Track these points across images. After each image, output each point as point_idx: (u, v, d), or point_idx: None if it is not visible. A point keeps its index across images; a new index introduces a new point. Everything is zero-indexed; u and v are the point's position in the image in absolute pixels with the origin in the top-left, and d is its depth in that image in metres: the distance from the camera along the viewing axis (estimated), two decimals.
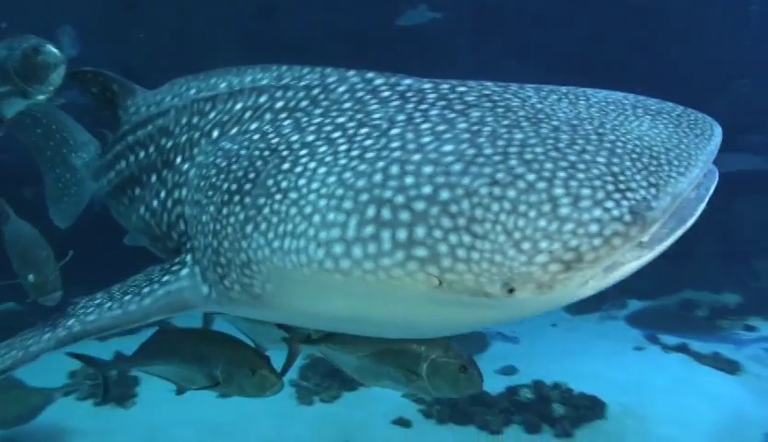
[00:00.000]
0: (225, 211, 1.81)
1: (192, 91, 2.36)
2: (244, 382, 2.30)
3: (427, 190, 1.47)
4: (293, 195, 1.65)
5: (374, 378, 2.23)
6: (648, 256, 1.42)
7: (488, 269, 1.40)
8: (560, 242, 1.36)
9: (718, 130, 1.66)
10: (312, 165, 1.67)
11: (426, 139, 1.58)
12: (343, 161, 1.63)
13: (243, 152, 1.88)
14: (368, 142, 1.64)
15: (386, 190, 1.51)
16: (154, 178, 2.31)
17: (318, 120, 1.83)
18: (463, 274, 1.42)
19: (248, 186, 1.77)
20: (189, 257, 2.04)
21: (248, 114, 2.04)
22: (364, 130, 1.70)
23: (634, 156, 1.47)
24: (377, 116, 1.73)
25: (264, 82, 2.12)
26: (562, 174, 1.42)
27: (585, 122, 1.58)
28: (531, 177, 1.43)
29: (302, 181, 1.65)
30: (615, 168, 1.43)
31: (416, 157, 1.54)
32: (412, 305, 1.56)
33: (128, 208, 2.50)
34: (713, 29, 10.49)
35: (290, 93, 1.99)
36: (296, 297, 1.75)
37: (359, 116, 1.76)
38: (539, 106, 1.66)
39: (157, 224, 2.25)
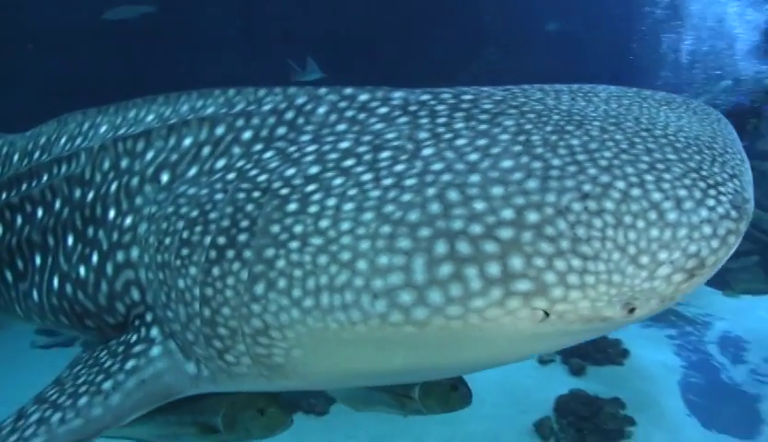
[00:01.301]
0: (216, 271, 1.51)
1: (104, 128, 2.01)
2: (251, 425, 1.99)
3: (509, 214, 1.30)
4: (317, 241, 1.40)
5: (365, 404, 2.17)
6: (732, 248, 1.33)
7: (606, 291, 1.26)
8: (679, 250, 1.27)
9: (718, 114, 1.66)
10: (331, 201, 1.43)
11: (474, 156, 1.41)
12: (375, 193, 1.41)
13: (219, 196, 1.59)
14: (400, 167, 1.44)
15: (453, 220, 1.31)
16: (70, 240, 1.90)
17: (312, 148, 1.58)
18: (578, 303, 1.26)
19: (242, 237, 1.49)
20: (155, 331, 1.69)
21: (206, 150, 1.74)
22: (385, 154, 1.48)
23: (695, 149, 1.41)
24: (391, 136, 1.52)
25: (210, 110, 1.83)
26: (649, 177, 1.32)
27: (623, 120, 1.49)
28: (621, 184, 1.31)
29: (325, 223, 1.41)
30: (692, 164, 1.36)
31: (474, 178, 1.36)
32: (502, 346, 1.39)
33: (21, 283, 2.04)
34: (452, 4, 11.47)
35: (256, 120, 1.72)
36: (337, 360, 1.50)
37: (367, 138, 1.54)
38: (564, 107, 1.55)
39: (91, 297, 1.84)
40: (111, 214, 1.80)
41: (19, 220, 2.05)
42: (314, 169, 1.51)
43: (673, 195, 1.28)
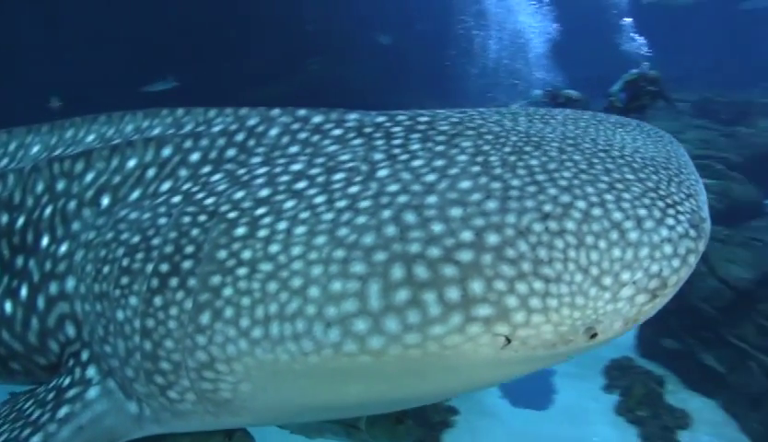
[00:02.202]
0: (158, 301, 1.39)
1: (36, 148, 1.85)
2: None
3: (468, 235, 1.24)
4: (266, 267, 1.32)
5: (317, 432, 2.13)
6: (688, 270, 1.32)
7: (570, 315, 1.21)
8: (641, 270, 1.23)
9: (671, 137, 1.67)
10: (282, 225, 1.35)
11: (431, 177, 1.36)
12: (328, 216, 1.34)
13: (163, 220, 1.49)
14: (354, 189, 1.37)
15: (410, 243, 1.25)
16: None
17: (263, 170, 1.50)
18: (540, 327, 1.21)
19: (187, 264, 1.39)
20: (92, 370, 1.54)
21: (151, 172, 1.62)
22: (338, 175, 1.42)
23: (652, 169, 1.40)
24: (345, 158, 1.46)
25: (157, 131, 1.72)
26: (609, 196, 1.30)
27: (581, 141, 1.48)
28: (582, 204, 1.28)
29: (275, 248, 1.33)
30: (650, 184, 1.35)
31: (431, 199, 1.31)
32: (463, 375, 1.31)
33: None
34: (273, 13, 11.54)
35: (205, 142, 1.62)
36: (288, 394, 1.39)
37: (320, 160, 1.48)
38: (521, 128, 1.53)
39: (18, 336, 1.65)
40: (45, 241, 1.64)
41: None
42: (264, 192, 1.43)
43: (634, 215, 1.26)
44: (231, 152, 1.58)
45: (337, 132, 1.55)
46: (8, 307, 1.65)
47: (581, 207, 1.26)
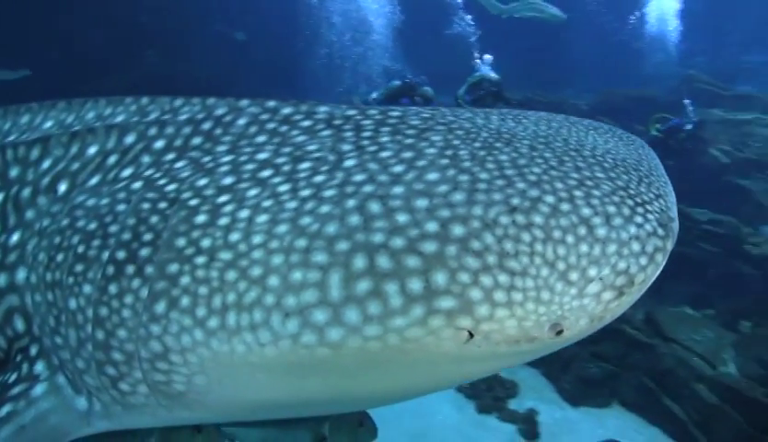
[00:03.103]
0: (113, 289, 1.33)
1: None
2: None
3: (433, 226, 1.19)
4: (225, 255, 1.25)
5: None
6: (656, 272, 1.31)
7: (535, 309, 1.17)
8: (609, 266, 1.21)
9: (642, 141, 1.69)
10: (244, 213, 1.29)
11: (398, 168, 1.31)
12: (291, 204, 1.28)
13: (121, 207, 1.42)
14: (319, 178, 1.32)
15: (373, 233, 1.20)
16: None
17: (228, 158, 1.44)
18: (504, 321, 1.16)
19: (144, 251, 1.32)
20: (41, 366, 1.46)
21: (112, 159, 1.55)
22: (304, 165, 1.36)
23: (623, 169, 1.39)
24: (312, 147, 1.41)
25: (121, 118, 1.65)
26: (578, 193, 1.27)
27: (552, 140, 1.45)
28: (550, 199, 1.24)
29: (235, 236, 1.27)
30: (620, 183, 1.33)
31: (397, 189, 1.26)
32: (424, 371, 1.27)
33: None
34: (104, 6, 10.68)
35: (170, 129, 1.56)
36: (244, 388, 1.32)
37: (287, 149, 1.42)
38: (493, 126, 1.49)
39: None
40: None
41: None
42: (228, 180, 1.39)
43: (602, 211, 1.25)
44: (197, 140, 1.53)
45: (306, 123, 1.52)
46: None
47: (549, 202, 1.25)
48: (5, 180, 1.62)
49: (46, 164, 1.60)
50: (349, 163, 1.35)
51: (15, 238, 1.53)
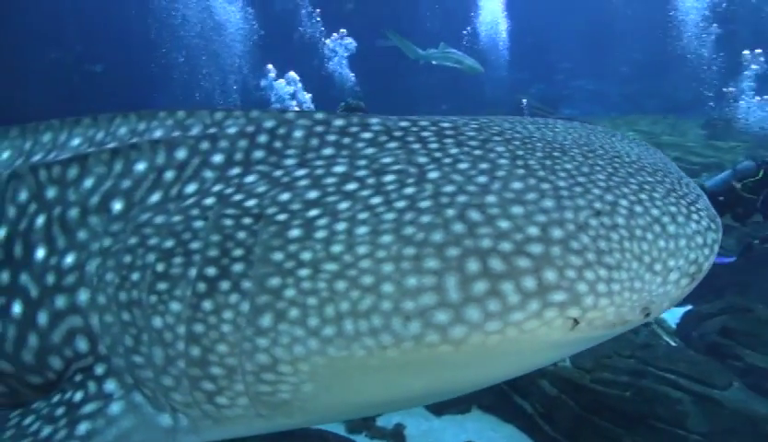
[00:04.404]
0: (207, 306, 1.34)
1: (7, 154, 1.68)
2: None
3: (534, 230, 1.34)
4: (330, 266, 1.31)
5: None
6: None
7: (630, 297, 1.35)
8: (683, 258, 1.41)
9: (647, 143, 1.82)
10: (341, 226, 1.36)
11: (482, 179, 1.43)
12: (390, 215, 1.37)
13: (198, 223, 1.43)
14: (409, 190, 1.42)
15: (480, 239, 1.32)
16: None
17: (303, 172, 1.49)
18: (605, 309, 1.33)
19: (237, 267, 1.35)
20: (112, 385, 1.43)
21: (169, 175, 1.54)
22: (389, 177, 1.45)
23: (661, 172, 1.56)
24: (388, 160, 1.50)
25: (159, 132, 1.63)
26: (643, 196, 1.45)
27: (594, 148, 1.58)
28: (625, 202, 1.42)
29: (337, 248, 1.33)
30: (667, 185, 1.51)
31: (490, 199, 1.39)
32: (529, 357, 1.41)
33: None
34: None
35: (224, 143, 1.57)
36: (353, 390, 1.39)
37: (361, 162, 1.50)
38: (537, 136, 1.61)
39: (9, 355, 1.50)
40: (40, 253, 1.54)
41: None
42: (313, 194, 1.44)
43: (667, 211, 1.45)
44: (259, 154, 1.57)
45: (367, 135, 1.59)
46: None
47: (625, 205, 1.43)
48: (41, 201, 1.58)
49: (88, 183, 1.59)
50: (433, 175, 1.46)
51: (69, 259, 1.52)
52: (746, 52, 16.30)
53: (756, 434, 4.59)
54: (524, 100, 14.10)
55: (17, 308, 1.54)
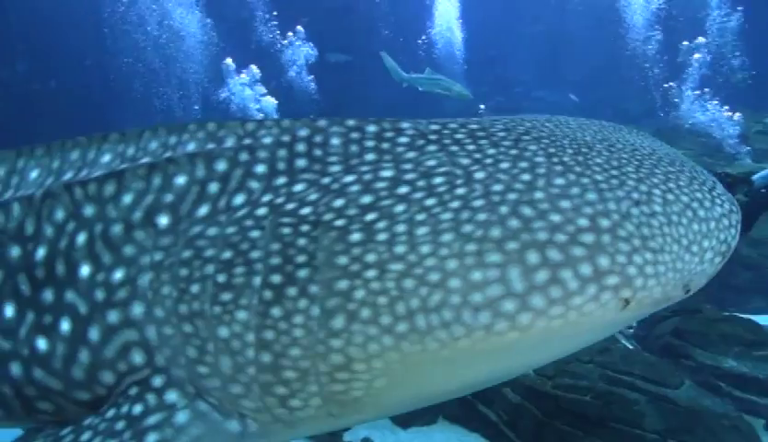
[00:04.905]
0: (276, 312, 1.38)
1: (35, 173, 1.68)
2: None
3: (584, 222, 1.43)
4: (396, 267, 1.38)
5: None
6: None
7: (673, 277, 1.46)
8: (715, 239, 1.54)
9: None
10: (401, 227, 1.42)
11: (526, 177, 1.51)
12: (446, 215, 1.43)
13: (255, 233, 1.47)
14: (461, 191, 1.49)
15: (536, 232, 1.41)
16: (8, 311, 1.55)
17: (351, 178, 1.54)
18: (653, 289, 1.44)
19: (302, 273, 1.40)
20: (173, 395, 1.45)
21: (213, 188, 1.57)
22: (438, 180, 1.52)
23: (678, 163, 1.67)
24: (432, 163, 1.56)
25: (192, 146, 1.64)
26: (672, 185, 1.56)
27: (614, 142, 1.68)
28: (658, 191, 1.53)
29: (400, 249, 1.40)
30: (688, 174, 1.62)
31: (538, 195, 1.47)
32: (584, 337, 1.52)
33: None
34: None
35: (263, 154, 1.61)
36: (423, 382, 1.46)
37: (407, 166, 1.55)
38: (559, 134, 1.68)
39: (58, 372, 1.52)
40: (85, 270, 1.54)
41: None
42: (367, 199, 1.49)
43: (695, 198, 1.58)
44: (301, 162, 1.60)
45: (403, 139, 1.64)
46: (43, 344, 1.54)
47: (659, 194, 1.54)
48: (80, 219, 1.59)
49: (128, 199, 1.59)
50: (479, 175, 1.53)
51: (118, 275, 1.52)
52: (685, 42, 16.90)
53: (706, 428, 4.81)
54: (482, 106, 14.30)
55: (65, 326, 1.54)
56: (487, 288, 1.38)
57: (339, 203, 1.51)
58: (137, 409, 1.47)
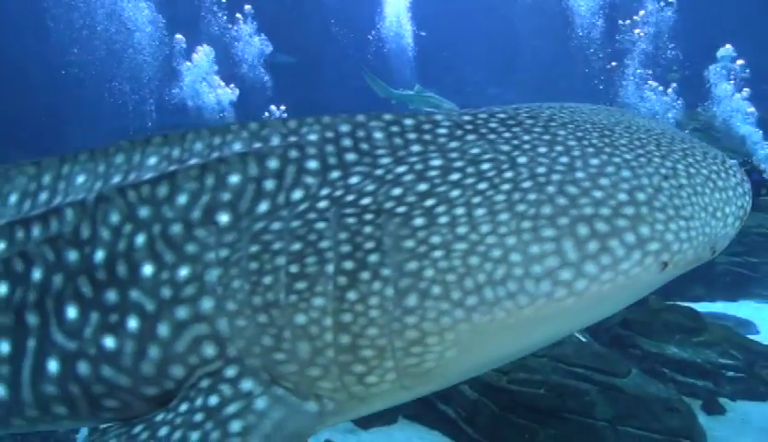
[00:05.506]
0: (352, 296, 1.48)
1: (82, 178, 1.73)
2: None
3: (624, 196, 1.56)
4: (460, 246, 1.49)
5: None
6: None
7: (703, 240, 1.61)
8: (734, 205, 1.70)
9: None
10: (460, 210, 1.54)
11: (565, 159, 1.63)
12: (499, 197, 1.55)
13: (320, 225, 1.56)
14: (509, 174, 1.60)
15: (583, 208, 1.53)
16: (72, 312, 1.61)
17: (403, 168, 1.64)
18: (687, 252, 1.58)
19: (372, 258, 1.50)
20: (249, 383, 1.51)
21: (269, 185, 1.64)
22: (485, 166, 1.63)
23: (688, 140, 1.82)
24: (476, 151, 1.67)
25: (238, 145, 1.70)
26: (691, 160, 1.71)
27: (629, 125, 1.81)
28: (681, 166, 1.67)
29: (462, 230, 1.51)
30: (700, 150, 1.77)
31: (579, 174, 1.59)
32: (626, 298, 1.67)
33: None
34: None
35: (312, 150, 1.69)
36: (488, 350, 1.57)
37: (453, 155, 1.66)
38: (578, 119, 1.81)
39: (127, 369, 1.57)
40: (148, 270, 1.59)
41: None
42: (422, 187, 1.59)
43: (712, 170, 1.73)
44: (351, 156, 1.69)
45: (442, 130, 1.75)
46: (111, 342, 1.58)
47: (682, 168, 1.69)
48: (136, 221, 1.64)
49: (182, 199, 1.65)
50: (522, 160, 1.65)
51: (184, 272, 1.58)
52: (627, 21, 17.36)
53: (650, 413, 5.06)
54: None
55: (132, 323, 1.58)
56: (545, 260, 1.50)
57: (397, 191, 1.61)
58: (213, 400, 1.52)
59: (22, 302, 1.66)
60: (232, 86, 14.85)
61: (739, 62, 15.26)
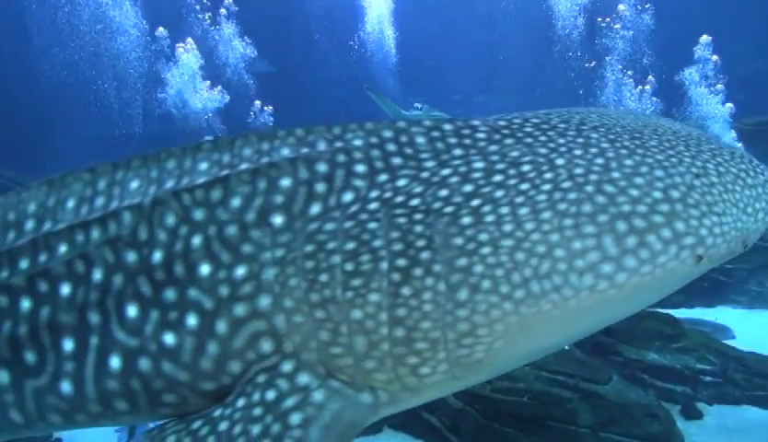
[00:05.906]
0: (406, 291, 1.57)
1: (136, 183, 1.80)
2: None
3: (658, 194, 1.63)
4: (507, 242, 1.58)
5: None
6: None
7: (736, 235, 1.66)
8: (764, 201, 1.75)
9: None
10: (505, 209, 1.62)
11: (600, 160, 1.70)
12: (541, 196, 1.63)
13: (372, 225, 1.64)
14: (549, 175, 1.67)
15: (621, 205, 1.61)
16: (132, 311, 1.67)
17: (447, 171, 1.72)
18: (720, 246, 1.64)
19: (425, 255, 1.58)
20: (305, 377, 1.59)
21: (320, 188, 1.71)
22: (526, 168, 1.70)
23: (714, 140, 1.88)
24: (515, 154, 1.74)
25: (286, 150, 1.77)
26: (720, 159, 1.77)
27: (655, 128, 1.88)
28: (711, 165, 1.73)
29: (508, 227, 1.59)
30: (726, 149, 1.83)
31: (615, 174, 1.66)
32: (663, 291, 1.73)
33: (31, 380, 1.72)
34: None
35: (358, 155, 1.76)
36: (534, 341, 1.64)
37: (494, 157, 1.74)
38: (607, 122, 1.88)
39: (187, 365, 1.63)
40: (205, 269, 1.65)
41: (27, 304, 1.73)
42: (468, 188, 1.66)
43: (741, 169, 1.79)
44: (397, 160, 1.76)
45: (481, 135, 1.83)
46: (171, 339, 1.64)
47: (712, 167, 1.75)
48: (191, 223, 1.70)
49: (236, 202, 1.71)
50: (560, 162, 1.72)
51: (240, 271, 1.64)
52: (605, 19, 17.52)
53: (631, 419, 5.17)
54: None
55: (192, 321, 1.64)
56: (587, 255, 1.58)
57: (443, 193, 1.68)
58: (270, 395, 1.58)
59: (84, 301, 1.71)
60: (219, 87, 14.80)
61: (714, 57, 15.57)
